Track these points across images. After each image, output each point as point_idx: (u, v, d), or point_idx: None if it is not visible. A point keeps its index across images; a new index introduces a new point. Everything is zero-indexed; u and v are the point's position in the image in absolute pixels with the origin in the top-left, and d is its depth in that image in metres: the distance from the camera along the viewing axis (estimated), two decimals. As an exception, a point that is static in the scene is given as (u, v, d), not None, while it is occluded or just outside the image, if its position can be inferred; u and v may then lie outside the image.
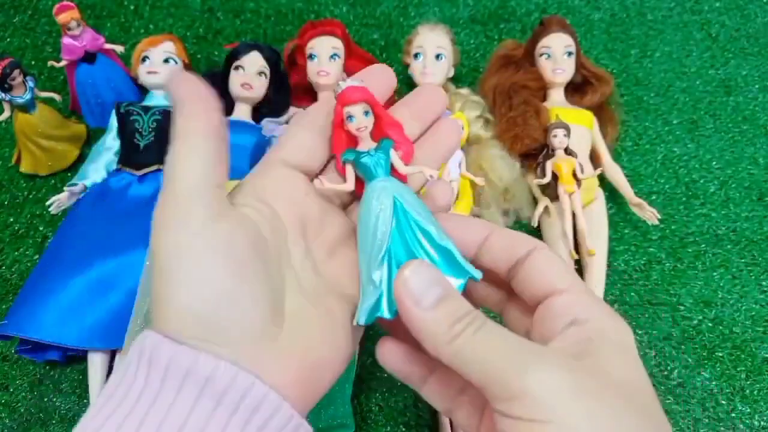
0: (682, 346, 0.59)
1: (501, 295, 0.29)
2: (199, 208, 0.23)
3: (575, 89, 0.71)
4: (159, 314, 0.22)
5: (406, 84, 0.77)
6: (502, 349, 0.21)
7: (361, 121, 0.27)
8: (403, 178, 0.28)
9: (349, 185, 0.28)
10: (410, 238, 0.26)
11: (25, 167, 0.69)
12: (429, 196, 0.29)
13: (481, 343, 0.22)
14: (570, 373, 0.21)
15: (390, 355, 0.27)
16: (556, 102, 0.69)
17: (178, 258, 0.22)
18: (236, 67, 0.66)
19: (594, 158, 0.67)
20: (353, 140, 0.28)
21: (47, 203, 0.62)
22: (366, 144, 0.28)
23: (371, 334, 0.60)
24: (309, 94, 0.72)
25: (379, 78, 0.29)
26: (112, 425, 0.21)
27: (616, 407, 0.20)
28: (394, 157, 0.28)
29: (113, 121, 0.67)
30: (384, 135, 0.28)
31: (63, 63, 0.69)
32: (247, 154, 0.65)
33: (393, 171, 0.28)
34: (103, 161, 0.65)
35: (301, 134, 0.29)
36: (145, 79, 0.69)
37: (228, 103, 0.68)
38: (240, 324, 0.22)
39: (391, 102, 0.72)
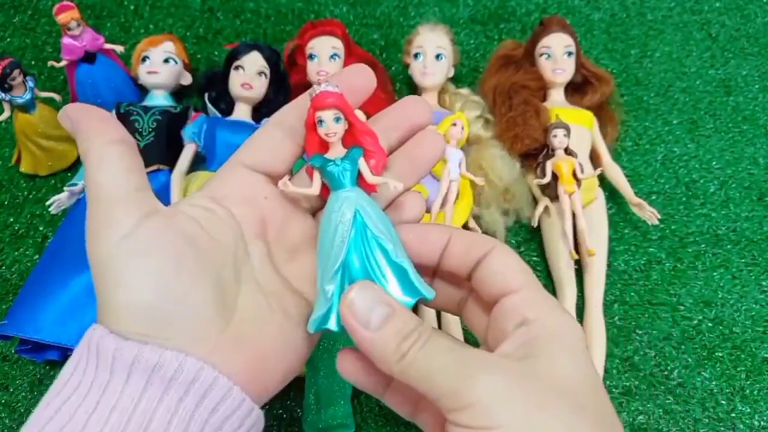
0: (682, 346, 0.59)
1: (463, 296, 0.29)
2: (122, 213, 0.24)
3: (575, 89, 0.71)
4: (103, 316, 0.23)
5: (406, 84, 0.77)
6: (448, 361, 0.22)
7: (330, 126, 0.27)
8: (371, 189, 0.28)
9: (314, 189, 0.28)
10: (367, 253, 0.26)
11: (25, 167, 0.69)
12: (398, 206, 0.29)
13: (428, 358, 0.22)
14: (514, 378, 0.21)
15: (349, 366, 0.28)
16: (556, 102, 0.69)
17: (110, 261, 0.23)
18: (236, 67, 0.66)
19: (594, 158, 0.67)
20: (325, 144, 0.28)
21: (47, 203, 0.62)
22: (336, 150, 0.28)
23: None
24: (309, 94, 0.72)
25: (356, 79, 0.29)
26: (65, 414, 0.22)
27: (561, 407, 0.21)
28: (363, 166, 0.27)
29: (113, 121, 0.67)
30: (356, 143, 0.28)
31: (63, 63, 0.69)
32: (247, 154, 0.65)
33: (361, 180, 0.28)
34: (103, 161, 0.65)
35: (265, 136, 0.29)
36: (145, 79, 0.69)
37: (228, 103, 0.68)
38: (183, 316, 0.23)
39: (389, 101, 0.72)
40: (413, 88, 0.74)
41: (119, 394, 0.22)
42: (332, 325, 0.26)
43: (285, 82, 0.69)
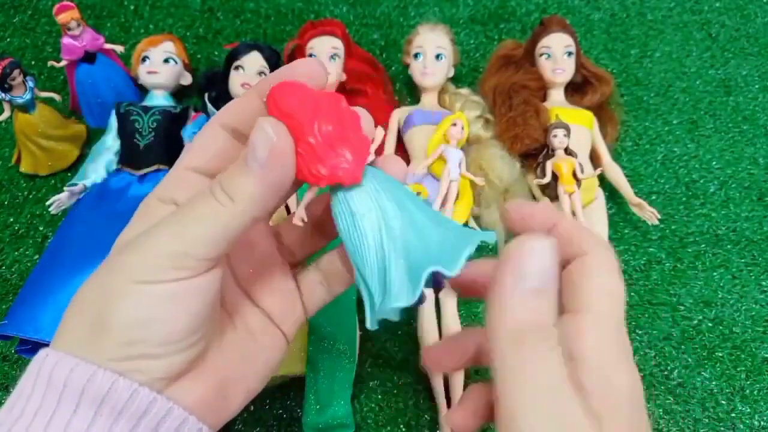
0: (682, 346, 0.59)
1: None
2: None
3: (575, 89, 0.71)
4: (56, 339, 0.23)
5: (406, 84, 0.77)
6: (537, 396, 0.19)
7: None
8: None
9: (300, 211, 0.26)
10: (408, 230, 0.23)
11: (25, 167, 0.69)
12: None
13: (528, 372, 0.20)
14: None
15: (435, 360, 0.28)
16: (556, 102, 0.69)
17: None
18: (236, 67, 0.66)
19: (594, 158, 0.67)
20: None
21: (47, 203, 0.62)
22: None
23: (371, 334, 0.60)
24: (309, 94, 0.72)
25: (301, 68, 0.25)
26: None
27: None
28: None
29: (113, 121, 0.67)
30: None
31: (63, 63, 0.69)
32: (247, 154, 0.65)
33: None
34: (103, 161, 0.65)
35: (209, 133, 0.26)
36: (145, 79, 0.69)
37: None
38: (159, 339, 0.22)
39: (389, 101, 0.72)
40: (413, 88, 0.74)
41: (65, 426, 0.21)
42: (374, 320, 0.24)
43: (285, 82, 0.69)
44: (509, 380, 0.20)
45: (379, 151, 0.68)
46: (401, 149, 0.69)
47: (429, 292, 0.24)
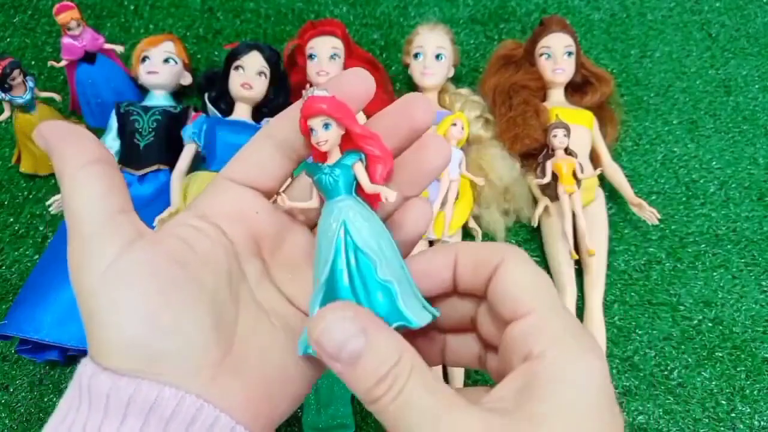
0: (682, 346, 0.59)
1: (474, 305, 0.26)
2: (103, 243, 0.22)
3: (575, 89, 0.71)
4: (93, 351, 0.22)
5: (406, 84, 0.77)
6: (415, 418, 0.20)
7: (320, 135, 0.24)
8: (373, 198, 0.25)
9: (313, 202, 0.26)
10: (352, 271, 0.23)
11: (25, 167, 0.69)
12: (402, 217, 0.27)
13: (398, 410, 0.20)
14: None
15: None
16: (556, 102, 0.69)
17: (93, 297, 0.21)
18: (236, 67, 0.66)
19: (594, 158, 0.67)
20: (323, 153, 0.26)
21: (47, 203, 0.62)
22: (335, 158, 0.25)
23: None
24: (309, 94, 0.72)
25: (354, 84, 0.26)
26: None
27: None
28: (360, 173, 0.25)
29: (113, 121, 0.67)
30: (356, 148, 0.25)
31: (63, 63, 0.69)
32: (247, 154, 0.65)
33: (359, 189, 0.25)
34: (103, 161, 0.65)
35: (254, 149, 0.27)
36: (145, 79, 0.69)
37: (228, 103, 0.68)
38: (175, 348, 0.21)
39: (389, 101, 0.72)
40: (413, 88, 0.74)
41: None
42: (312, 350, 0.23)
43: (285, 82, 0.69)
44: (393, 430, 0.20)
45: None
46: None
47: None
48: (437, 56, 0.68)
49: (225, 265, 0.24)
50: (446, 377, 0.56)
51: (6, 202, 0.69)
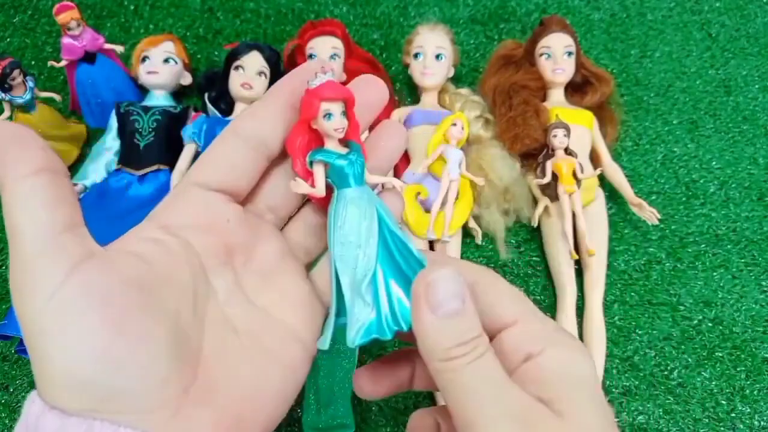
0: (682, 346, 0.59)
1: None
2: (46, 267, 0.19)
3: (575, 89, 0.71)
4: (40, 388, 0.20)
5: (406, 84, 0.77)
6: (485, 386, 0.21)
7: (339, 121, 0.24)
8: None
9: (320, 189, 0.25)
10: (392, 252, 0.24)
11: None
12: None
13: (470, 374, 0.21)
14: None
15: (366, 386, 0.27)
16: (556, 102, 0.69)
17: (36, 328, 0.19)
18: (236, 67, 0.66)
19: (594, 158, 0.67)
20: (319, 140, 0.25)
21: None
22: (334, 146, 0.25)
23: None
24: (309, 94, 0.72)
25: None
26: None
27: None
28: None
29: (113, 121, 0.67)
30: (349, 138, 0.25)
31: (63, 63, 0.69)
32: (247, 154, 0.65)
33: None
34: (103, 161, 0.65)
35: (222, 148, 0.25)
36: (145, 79, 0.69)
37: (228, 103, 0.68)
38: (135, 384, 0.19)
39: (391, 105, 0.72)
40: (413, 88, 0.74)
41: None
42: (386, 331, 0.24)
43: (285, 82, 0.69)
44: (454, 399, 0.21)
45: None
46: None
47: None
48: (437, 56, 0.68)
49: (189, 283, 0.23)
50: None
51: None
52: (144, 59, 0.69)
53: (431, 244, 0.63)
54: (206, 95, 0.69)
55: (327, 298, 0.28)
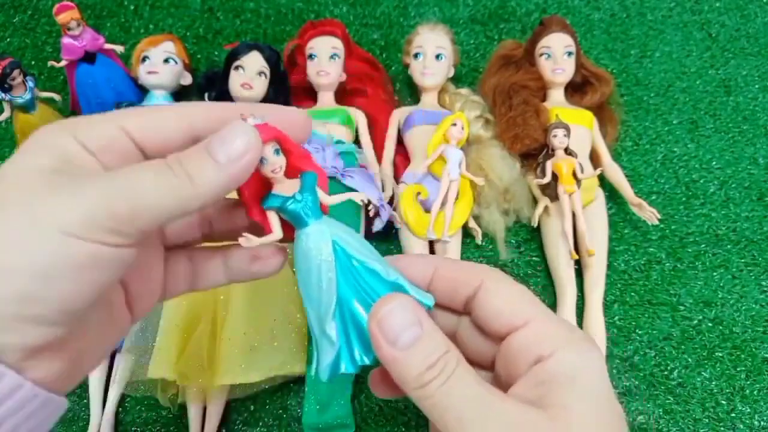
0: (682, 346, 0.59)
1: (454, 323, 0.27)
2: None
3: (575, 89, 0.71)
4: None
5: (407, 84, 0.77)
6: (463, 404, 0.21)
7: (274, 161, 0.23)
8: (325, 210, 0.25)
9: (277, 233, 0.25)
10: (359, 282, 0.24)
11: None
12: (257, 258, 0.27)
13: (445, 397, 0.21)
14: None
15: (379, 387, 0.28)
16: (556, 102, 0.69)
17: None
18: (236, 67, 0.66)
19: (594, 158, 0.67)
20: (266, 182, 0.25)
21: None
22: (281, 185, 0.25)
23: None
24: (309, 94, 0.72)
25: (282, 116, 0.25)
26: None
27: None
28: (320, 191, 0.25)
29: (113, 121, 0.67)
30: (300, 169, 0.25)
31: (63, 63, 0.69)
32: (247, 154, 0.65)
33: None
34: (103, 161, 0.65)
35: (160, 114, 0.24)
36: (145, 79, 0.69)
37: (228, 103, 0.68)
38: None
39: (389, 102, 0.72)
40: (413, 88, 0.74)
41: None
42: (345, 368, 0.24)
43: (285, 82, 0.69)
44: (441, 424, 0.21)
45: (379, 148, 0.68)
46: (401, 149, 0.69)
47: None
48: (437, 56, 0.68)
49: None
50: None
51: (6, 202, 0.69)
52: (144, 59, 0.69)
53: (431, 244, 0.63)
54: (206, 95, 0.69)
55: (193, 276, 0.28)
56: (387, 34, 0.83)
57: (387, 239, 0.65)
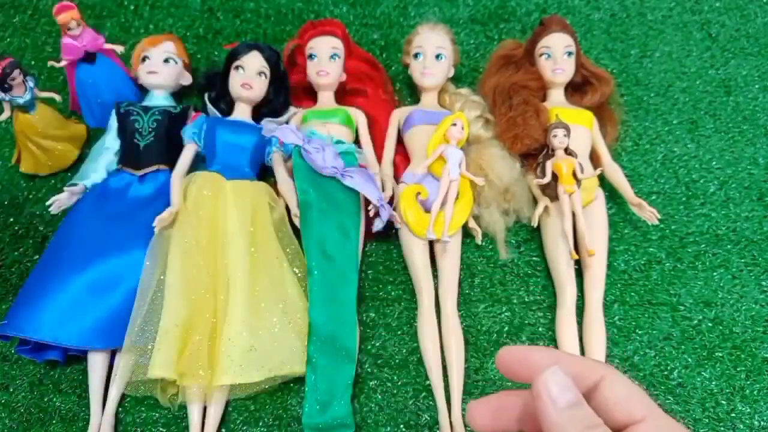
0: (682, 346, 0.59)
1: None
2: None
3: (575, 89, 0.71)
4: None
5: (406, 84, 0.77)
6: None
7: None
8: None
9: None
10: None
11: (25, 167, 0.69)
12: None
13: None
14: None
15: (479, 418, 0.28)
16: (556, 102, 0.69)
17: None
18: (236, 67, 0.66)
19: (594, 158, 0.67)
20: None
21: (47, 203, 0.62)
22: None
23: (371, 335, 0.60)
24: (309, 94, 0.72)
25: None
26: None
27: None
28: None
29: (113, 121, 0.67)
30: None
31: (63, 63, 0.69)
32: (247, 154, 0.65)
33: None
34: (103, 161, 0.65)
35: None
36: (145, 79, 0.69)
37: (228, 103, 0.68)
38: None
39: (389, 101, 0.72)
40: (413, 88, 0.74)
41: None
42: None
43: (285, 82, 0.69)
44: None
45: (379, 146, 0.68)
46: (401, 149, 0.69)
47: None
48: (437, 56, 0.68)
49: None
50: (447, 384, 0.56)
51: (6, 202, 0.69)
52: (144, 59, 0.69)
53: (431, 244, 0.63)
54: (206, 95, 0.69)
55: None
56: (387, 34, 0.83)
57: (387, 239, 0.65)
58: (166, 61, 0.69)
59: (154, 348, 0.53)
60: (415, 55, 0.69)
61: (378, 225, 0.60)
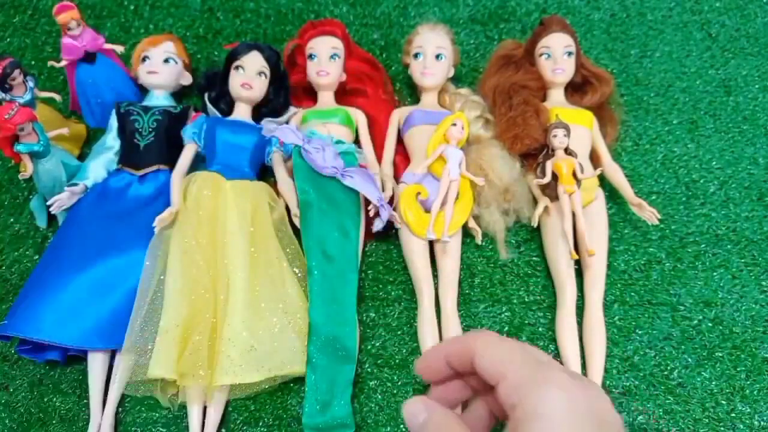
0: (682, 346, 0.59)
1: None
2: None
3: (575, 89, 0.71)
4: None
5: (406, 84, 0.77)
6: None
7: None
8: None
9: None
10: None
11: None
12: None
13: None
14: None
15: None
16: (556, 102, 0.69)
17: None
18: (236, 67, 0.66)
19: (594, 158, 0.67)
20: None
21: (48, 203, 0.62)
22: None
23: (371, 335, 0.60)
24: (309, 94, 0.72)
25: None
26: None
27: None
28: None
29: (113, 121, 0.67)
30: None
31: (63, 63, 0.69)
32: (247, 154, 0.65)
33: None
34: (103, 161, 0.65)
35: None
36: (145, 79, 0.69)
37: (228, 103, 0.68)
38: None
39: (389, 101, 0.72)
40: (413, 88, 0.74)
41: None
42: None
43: (285, 82, 0.69)
44: None
45: (379, 146, 0.68)
46: (401, 149, 0.69)
47: None
48: (437, 56, 0.68)
49: None
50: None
51: (6, 202, 0.69)
52: (144, 59, 0.69)
53: (431, 244, 0.63)
54: (206, 95, 0.69)
55: None
56: (387, 34, 0.83)
57: (387, 239, 0.65)
58: (166, 61, 0.69)
59: (154, 348, 0.53)
60: (415, 55, 0.69)
61: (378, 225, 0.60)
